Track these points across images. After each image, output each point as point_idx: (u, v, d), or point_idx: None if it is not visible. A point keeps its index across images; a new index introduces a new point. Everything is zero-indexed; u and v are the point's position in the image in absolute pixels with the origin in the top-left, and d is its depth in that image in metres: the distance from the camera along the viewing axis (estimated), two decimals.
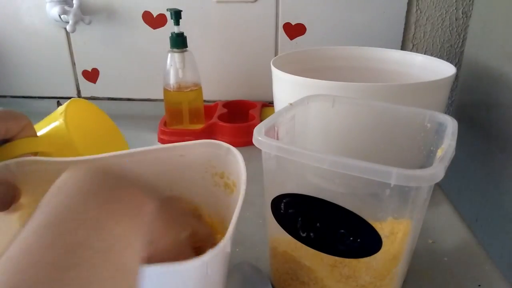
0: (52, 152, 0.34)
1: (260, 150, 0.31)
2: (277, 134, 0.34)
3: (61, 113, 0.38)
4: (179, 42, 0.65)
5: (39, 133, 0.34)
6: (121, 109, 0.84)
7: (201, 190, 0.33)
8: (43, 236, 0.17)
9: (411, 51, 0.76)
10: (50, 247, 0.16)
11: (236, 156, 0.29)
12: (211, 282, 0.22)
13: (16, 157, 0.28)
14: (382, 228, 0.28)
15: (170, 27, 0.66)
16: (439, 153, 0.28)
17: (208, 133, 0.67)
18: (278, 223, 0.33)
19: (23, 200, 0.28)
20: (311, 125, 0.40)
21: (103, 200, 0.20)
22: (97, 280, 0.16)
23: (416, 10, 0.73)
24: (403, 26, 0.74)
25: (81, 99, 0.41)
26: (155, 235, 0.23)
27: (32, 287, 0.15)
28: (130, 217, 0.20)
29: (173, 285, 0.21)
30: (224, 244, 0.21)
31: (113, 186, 0.21)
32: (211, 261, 0.20)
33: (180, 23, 0.64)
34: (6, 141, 0.29)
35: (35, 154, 0.31)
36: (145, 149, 0.30)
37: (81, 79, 0.84)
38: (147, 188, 0.24)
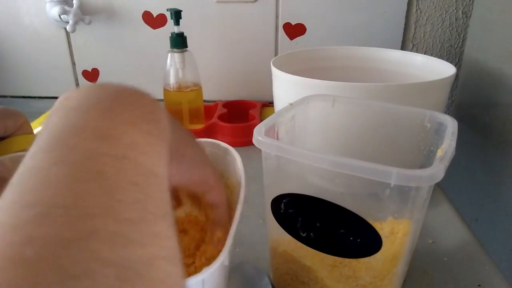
0: None
1: (260, 150, 0.31)
2: (277, 134, 0.34)
3: None
4: (179, 42, 0.65)
5: (35, 131, 0.34)
6: None
7: None
8: (45, 157, 0.14)
9: (411, 51, 0.76)
10: (58, 164, 0.14)
11: (234, 157, 0.29)
12: None
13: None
14: (382, 228, 0.28)
15: (170, 27, 0.66)
16: (439, 153, 0.28)
17: (208, 133, 0.67)
18: (278, 223, 0.33)
19: None
20: (311, 125, 0.40)
21: (107, 109, 0.16)
22: (118, 189, 0.14)
23: (416, 10, 0.73)
24: (403, 26, 0.74)
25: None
26: (179, 144, 0.20)
27: (47, 206, 0.12)
28: (145, 122, 0.17)
29: None
30: (222, 260, 0.20)
31: (120, 96, 0.18)
32: (209, 277, 0.19)
33: (180, 23, 0.64)
34: (2, 138, 0.30)
35: None
36: None
37: (81, 79, 0.85)
38: None
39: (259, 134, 0.30)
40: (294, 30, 0.76)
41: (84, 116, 0.16)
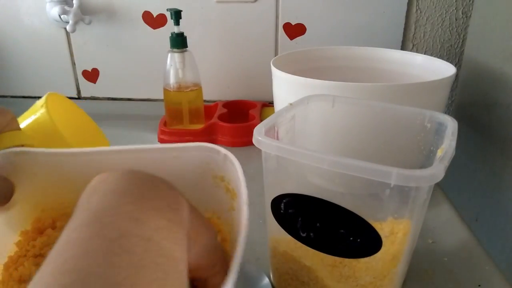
0: (37, 144, 0.33)
1: (260, 150, 0.31)
2: (277, 134, 0.34)
3: (42, 105, 0.38)
4: (179, 42, 0.65)
5: (21, 126, 0.33)
6: (121, 109, 0.84)
7: (202, 191, 0.33)
8: (84, 231, 0.17)
9: (411, 51, 0.76)
10: (95, 238, 0.16)
11: (233, 163, 0.29)
12: None
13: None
14: (382, 228, 0.28)
15: (170, 27, 0.66)
16: (439, 153, 0.28)
17: (208, 133, 0.67)
18: (278, 223, 0.33)
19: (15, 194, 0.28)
20: (311, 125, 0.40)
21: (139, 196, 0.19)
22: (143, 266, 0.16)
23: (416, 10, 0.73)
24: (403, 26, 0.74)
25: (57, 93, 0.40)
26: (193, 232, 0.22)
27: (84, 274, 0.14)
28: (169, 211, 0.20)
29: None
30: (234, 275, 0.20)
31: (149, 185, 0.21)
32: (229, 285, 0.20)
33: (180, 23, 0.64)
34: None
35: (21, 147, 0.31)
36: (140, 147, 0.30)
37: (81, 79, 0.85)
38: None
39: (259, 134, 0.30)
40: (294, 30, 0.76)
41: (120, 199, 0.19)
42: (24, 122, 0.38)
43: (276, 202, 0.32)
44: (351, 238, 0.29)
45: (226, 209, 0.32)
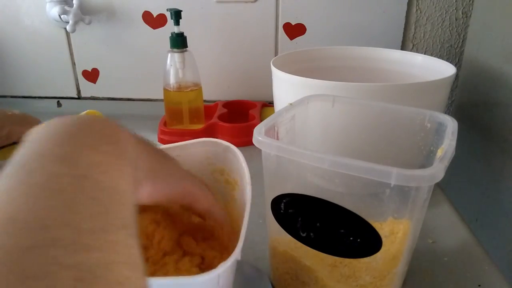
0: None
1: (260, 150, 0.31)
2: (277, 134, 0.34)
3: None
4: (179, 42, 0.65)
5: None
6: (121, 109, 0.84)
7: None
8: (7, 181, 0.16)
9: (411, 51, 0.76)
10: (20, 185, 0.15)
11: (236, 154, 0.29)
12: None
13: None
14: (382, 228, 0.28)
15: (170, 27, 0.66)
16: (439, 153, 0.28)
17: (208, 133, 0.67)
18: (278, 223, 0.33)
19: None
20: (311, 125, 0.40)
21: (68, 137, 0.18)
22: (77, 203, 0.15)
23: (416, 10, 0.73)
24: (403, 26, 0.74)
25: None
26: (144, 162, 0.22)
27: (13, 221, 0.14)
28: (104, 144, 0.19)
29: None
30: (236, 255, 0.21)
31: (81, 125, 0.19)
32: (223, 273, 0.20)
33: (180, 23, 0.64)
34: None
35: None
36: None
37: (81, 79, 0.84)
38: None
39: (259, 134, 0.30)
40: (294, 30, 0.76)
41: (46, 144, 0.18)
42: None
43: (276, 202, 0.32)
44: (351, 238, 0.29)
45: (226, 202, 0.33)
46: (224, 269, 0.20)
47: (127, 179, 0.18)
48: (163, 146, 0.31)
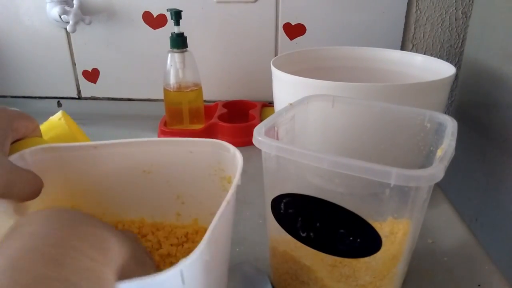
0: None
1: (260, 150, 0.31)
2: (277, 134, 0.34)
3: (60, 118, 0.40)
4: (179, 42, 0.65)
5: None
6: (121, 109, 0.84)
7: (210, 193, 0.33)
8: (5, 274, 0.16)
9: (411, 51, 0.76)
10: (6, 285, 0.16)
11: (238, 159, 0.29)
12: None
13: None
14: (382, 228, 0.28)
15: (170, 27, 0.66)
16: (439, 153, 0.28)
17: (208, 133, 0.68)
18: (278, 223, 0.33)
19: None
20: (311, 125, 0.40)
21: (59, 238, 0.19)
22: None
23: (416, 10, 0.74)
24: (403, 26, 0.74)
25: (66, 113, 0.42)
26: (129, 267, 0.22)
27: None
28: (92, 250, 0.19)
29: None
30: (201, 251, 0.19)
31: (72, 226, 0.20)
32: (187, 270, 0.19)
33: (180, 23, 0.64)
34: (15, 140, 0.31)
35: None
36: (153, 139, 0.31)
37: (81, 79, 0.85)
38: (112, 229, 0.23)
39: (259, 134, 0.30)
40: (294, 30, 0.76)
41: (38, 242, 0.18)
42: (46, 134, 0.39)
43: (276, 202, 0.32)
44: (351, 238, 0.29)
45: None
46: (187, 265, 0.19)
47: (108, 286, 0.19)
48: (173, 139, 0.31)
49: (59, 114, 0.41)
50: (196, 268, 0.20)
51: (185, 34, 0.65)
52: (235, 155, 0.29)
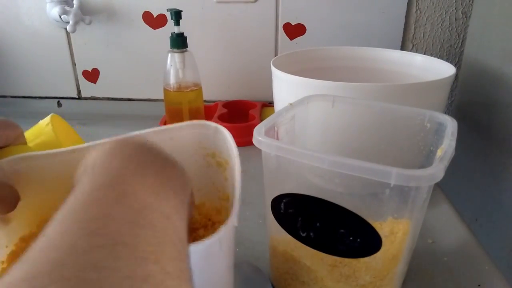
0: None
1: (260, 150, 0.31)
2: (277, 134, 0.34)
3: (47, 124, 0.39)
4: (179, 42, 0.65)
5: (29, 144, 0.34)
6: (121, 109, 0.84)
7: (195, 173, 0.33)
8: (102, 195, 0.16)
9: (411, 51, 0.76)
10: (116, 204, 0.15)
11: (224, 133, 0.29)
12: (223, 258, 0.23)
13: None
14: (382, 228, 0.28)
15: (170, 27, 0.66)
16: (439, 153, 0.28)
17: None
18: (278, 223, 0.33)
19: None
20: (311, 125, 0.40)
21: (160, 169, 0.18)
22: (165, 243, 0.15)
23: (416, 10, 0.74)
24: (403, 26, 0.74)
25: (59, 116, 0.42)
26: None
27: (111, 241, 0.14)
28: (181, 192, 0.19)
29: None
30: (233, 219, 0.22)
31: (166, 161, 0.20)
32: (224, 237, 0.21)
33: (180, 23, 0.64)
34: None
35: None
36: (136, 133, 0.31)
37: (81, 79, 0.85)
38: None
39: (259, 134, 0.30)
40: (294, 30, 0.76)
41: (141, 169, 0.18)
42: (32, 140, 0.38)
43: (276, 202, 0.32)
44: (351, 238, 0.29)
45: (219, 184, 0.33)
46: (225, 233, 0.21)
47: (186, 231, 0.19)
48: (150, 130, 0.32)
49: (47, 118, 0.40)
50: (231, 235, 0.23)
51: (185, 34, 0.65)
52: (217, 129, 0.30)
